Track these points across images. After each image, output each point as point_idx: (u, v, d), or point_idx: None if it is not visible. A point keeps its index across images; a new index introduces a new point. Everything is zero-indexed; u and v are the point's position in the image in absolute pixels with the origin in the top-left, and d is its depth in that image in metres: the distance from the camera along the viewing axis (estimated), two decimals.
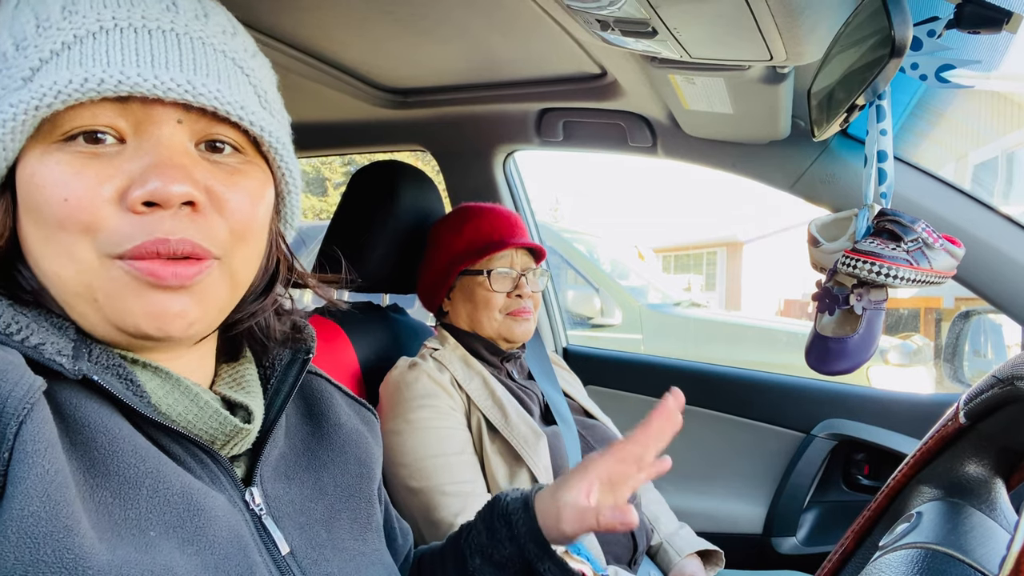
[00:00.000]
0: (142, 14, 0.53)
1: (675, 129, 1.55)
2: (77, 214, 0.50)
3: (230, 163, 0.56)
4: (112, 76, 0.49)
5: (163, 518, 0.50)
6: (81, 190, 0.50)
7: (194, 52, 0.54)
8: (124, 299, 0.52)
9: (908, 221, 1.04)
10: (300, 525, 0.62)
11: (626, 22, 0.93)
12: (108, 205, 0.50)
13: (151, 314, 0.52)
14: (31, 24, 0.51)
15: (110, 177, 0.50)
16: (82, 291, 0.52)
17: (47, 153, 0.50)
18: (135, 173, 0.51)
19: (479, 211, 1.43)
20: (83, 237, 0.50)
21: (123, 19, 0.52)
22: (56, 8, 0.52)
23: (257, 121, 0.55)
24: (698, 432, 1.84)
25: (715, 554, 1.43)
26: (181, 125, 0.53)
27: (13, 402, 0.44)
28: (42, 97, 0.48)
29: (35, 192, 0.50)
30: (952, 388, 1.79)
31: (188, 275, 0.53)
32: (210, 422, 0.57)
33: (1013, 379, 0.55)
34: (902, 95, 1.29)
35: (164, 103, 0.52)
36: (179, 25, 0.54)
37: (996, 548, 0.57)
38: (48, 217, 0.50)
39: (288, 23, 1.25)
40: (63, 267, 0.51)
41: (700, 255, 18.34)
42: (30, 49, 0.51)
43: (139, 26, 0.52)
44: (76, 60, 0.50)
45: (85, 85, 0.49)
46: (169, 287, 0.52)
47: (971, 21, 0.90)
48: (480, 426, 1.26)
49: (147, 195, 0.50)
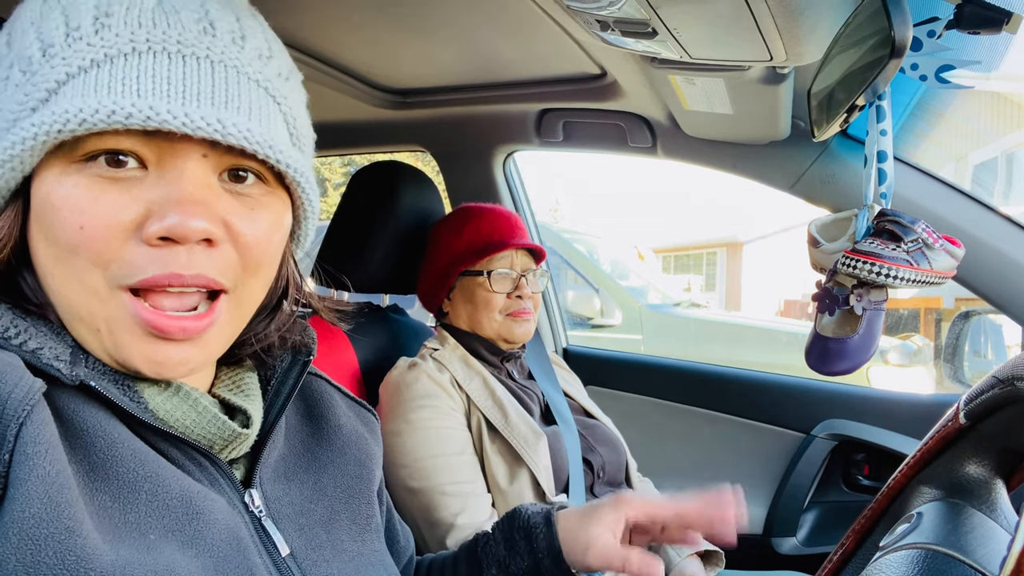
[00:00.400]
0: (177, 38, 0.50)
1: (675, 129, 1.55)
2: (92, 243, 0.48)
3: (252, 194, 0.55)
4: (141, 111, 0.47)
5: (162, 521, 0.50)
6: (98, 218, 0.48)
7: (227, 84, 0.52)
8: (125, 339, 0.51)
9: (908, 221, 1.04)
10: (300, 527, 0.62)
11: (626, 22, 0.93)
12: (124, 235, 0.49)
13: (152, 360, 0.52)
14: (60, 31, 0.49)
15: (127, 206, 0.49)
16: (86, 318, 0.51)
17: (65, 174, 0.49)
18: (154, 204, 0.49)
19: (479, 212, 1.43)
20: (95, 266, 0.49)
21: (157, 42, 0.50)
22: (88, 18, 0.49)
23: (284, 159, 0.53)
24: (698, 432, 1.84)
25: (715, 554, 1.43)
26: (206, 159, 0.51)
27: (13, 403, 0.44)
28: (66, 122, 0.46)
29: (50, 212, 0.49)
30: (952, 388, 1.79)
31: (197, 329, 0.52)
32: (208, 427, 0.57)
33: (1013, 379, 0.55)
34: (902, 95, 1.29)
35: (191, 138, 0.50)
36: (214, 52, 0.52)
37: (996, 549, 0.57)
38: (62, 240, 0.49)
39: (289, 23, 1.25)
40: (71, 291, 0.50)
41: (700, 255, 18.34)
42: (56, 59, 0.49)
43: (173, 51, 0.50)
44: (104, 84, 0.48)
45: (112, 116, 0.46)
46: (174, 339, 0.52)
47: (971, 21, 0.90)
48: (480, 426, 1.26)
49: (164, 230, 0.49)
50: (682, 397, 1.87)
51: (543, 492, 1.22)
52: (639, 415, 1.89)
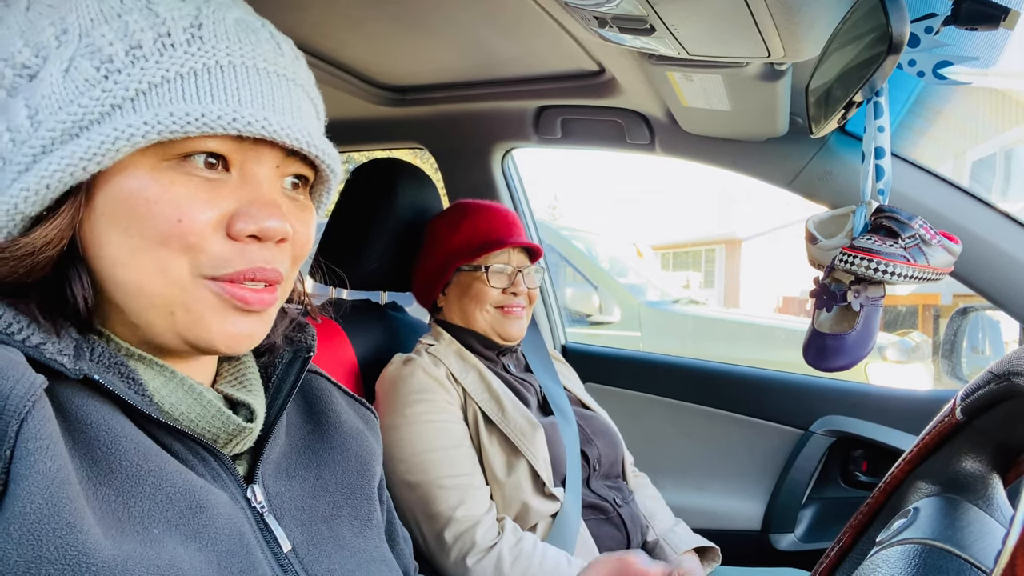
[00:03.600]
0: (263, 56, 0.55)
1: (673, 126, 1.56)
2: (187, 235, 0.51)
3: (300, 199, 0.60)
4: (257, 119, 0.52)
5: (165, 515, 0.50)
6: (195, 213, 0.52)
7: (298, 98, 0.57)
8: (205, 318, 0.54)
9: (905, 218, 1.04)
10: (301, 522, 0.62)
11: (624, 19, 0.93)
12: (214, 229, 0.52)
13: (229, 335, 0.55)
14: (147, 34, 0.52)
15: (220, 204, 0.53)
16: (161, 304, 0.53)
17: (159, 170, 0.51)
18: (241, 205, 0.54)
19: (477, 208, 1.43)
20: (182, 256, 0.52)
21: (249, 58, 0.54)
22: (179, 29, 0.52)
23: (335, 166, 0.60)
24: (696, 429, 1.84)
25: (712, 551, 1.43)
26: (277, 169, 0.57)
27: (15, 400, 0.44)
28: (185, 124, 0.50)
29: (142, 206, 0.51)
30: (950, 384, 1.79)
31: (270, 301, 0.57)
32: (213, 421, 0.57)
33: (1010, 375, 0.55)
34: (900, 92, 1.29)
35: (271, 146, 0.55)
36: (288, 70, 0.57)
37: (992, 543, 0.57)
38: (151, 231, 0.51)
39: (286, 21, 1.25)
40: (150, 279, 0.52)
41: (699, 252, 18.34)
42: (149, 62, 0.51)
43: (261, 68, 0.55)
44: (207, 91, 0.52)
45: (232, 123, 0.51)
46: (252, 311, 0.56)
47: (968, 17, 0.90)
48: (477, 419, 1.27)
49: (257, 230, 0.53)
50: (681, 394, 1.87)
51: (542, 483, 1.22)
52: (638, 412, 1.89)
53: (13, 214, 0.51)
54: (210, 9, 0.54)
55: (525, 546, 1.15)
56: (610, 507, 1.33)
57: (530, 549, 1.14)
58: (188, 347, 0.55)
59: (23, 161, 0.50)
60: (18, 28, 0.52)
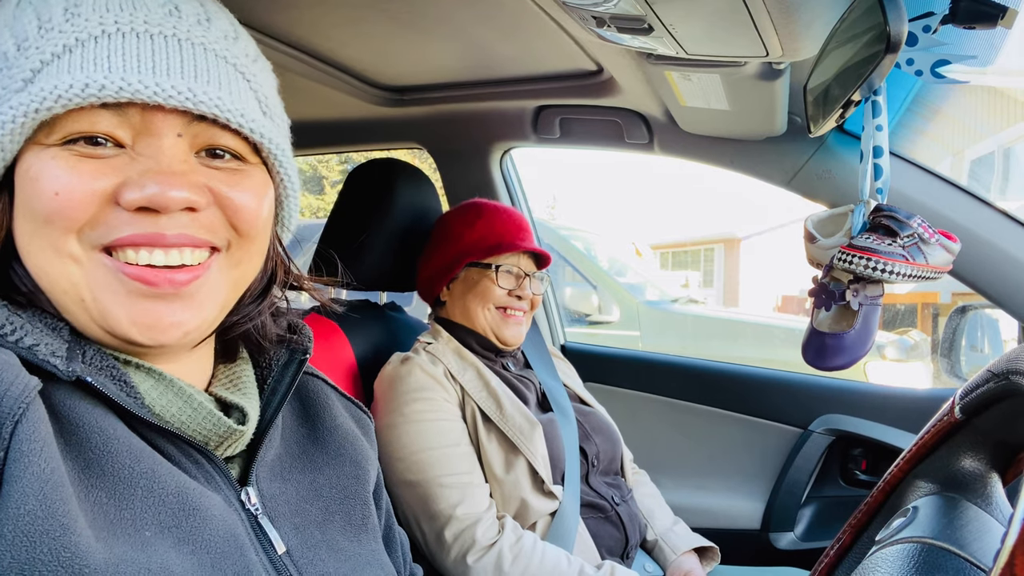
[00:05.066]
0: (144, 19, 0.52)
1: (672, 126, 1.56)
2: (67, 210, 0.49)
3: (233, 167, 0.56)
4: (113, 82, 0.49)
5: (158, 518, 0.50)
6: (73, 184, 0.49)
7: (195, 58, 0.53)
8: (109, 301, 0.51)
9: (904, 217, 1.04)
10: (296, 525, 0.62)
11: (622, 19, 0.92)
12: (99, 201, 0.50)
13: (142, 324, 0.52)
14: (33, 25, 0.51)
15: (105, 175, 0.50)
16: (69, 289, 0.51)
17: (44, 151, 0.50)
18: (132, 175, 0.50)
19: (493, 209, 1.44)
20: (69, 233, 0.50)
21: (125, 23, 0.51)
22: (58, 10, 0.51)
23: (257, 128, 0.55)
24: (696, 428, 1.84)
25: (711, 550, 1.43)
26: (181, 139, 0.53)
27: (8, 401, 0.44)
28: (42, 101, 0.48)
29: (28, 186, 0.50)
30: (949, 383, 1.79)
31: (183, 281, 0.52)
32: (204, 423, 0.57)
33: (1008, 373, 0.55)
34: (898, 91, 1.29)
35: (164, 111, 0.51)
36: (181, 31, 0.53)
37: (991, 542, 0.57)
38: (38, 210, 0.50)
39: (284, 21, 1.25)
40: (48, 262, 0.51)
41: (698, 251, 18.35)
42: (31, 50, 0.50)
43: (141, 31, 0.52)
44: (77, 64, 0.49)
45: (86, 90, 0.48)
46: (162, 295, 0.52)
47: (966, 16, 0.90)
48: (475, 417, 1.27)
49: (144, 200, 0.50)
50: (680, 393, 1.87)
51: (541, 481, 1.22)
52: (637, 411, 1.89)
53: None
54: None
55: (525, 544, 1.15)
56: (608, 506, 1.33)
57: (530, 547, 1.14)
58: (113, 339, 0.53)
59: None
60: None
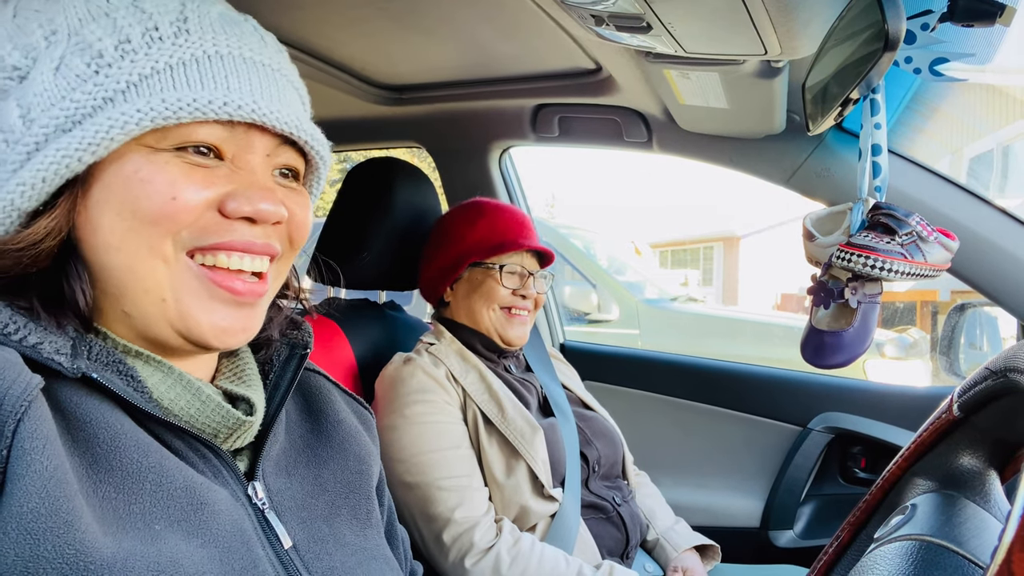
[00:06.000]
0: (249, 47, 0.57)
1: (670, 124, 1.56)
2: (180, 214, 0.52)
3: (293, 186, 0.61)
4: (247, 103, 0.53)
5: (167, 512, 0.50)
6: (189, 192, 0.53)
7: (278, 84, 0.58)
8: (193, 307, 0.54)
9: (902, 215, 1.04)
10: (302, 520, 0.62)
11: (621, 17, 0.93)
12: (206, 209, 0.54)
13: (220, 328, 0.55)
14: (136, 29, 0.53)
15: (214, 184, 0.54)
16: (152, 287, 0.53)
17: (155, 154, 0.52)
18: (239, 187, 0.55)
19: (495, 208, 1.44)
20: (170, 234, 0.53)
21: (235, 48, 0.56)
22: (166, 23, 0.54)
23: (325, 154, 0.62)
24: (695, 426, 1.84)
25: (712, 548, 1.44)
26: (268, 158, 0.58)
27: (11, 400, 0.44)
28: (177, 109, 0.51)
29: (137, 186, 0.52)
30: (948, 381, 1.79)
31: (260, 292, 0.57)
32: (212, 416, 0.57)
33: (1007, 371, 0.55)
34: (897, 89, 1.29)
35: (261, 133, 0.56)
36: (273, 60, 0.59)
37: (990, 539, 0.57)
38: (147, 210, 0.52)
39: (283, 20, 1.25)
40: (140, 260, 0.53)
41: (697, 250, 18.35)
42: (138, 55, 0.52)
43: (247, 57, 0.56)
44: (197, 80, 0.53)
45: (224, 107, 0.52)
46: (242, 303, 0.56)
47: (964, 14, 0.90)
48: (476, 420, 1.27)
49: (252, 212, 0.55)
50: (679, 392, 1.87)
51: (541, 485, 1.22)
52: (636, 410, 1.89)
53: (10, 210, 0.52)
54: (194, 4, 0.56)
55: (523, 546, 1.15)
56: (610, 506, 1.33)
57: (528, 549, 1.14)
58: (182, 340, 0.55)
59: (17, 159, 0.51)
60: (6, 33, 0.53)
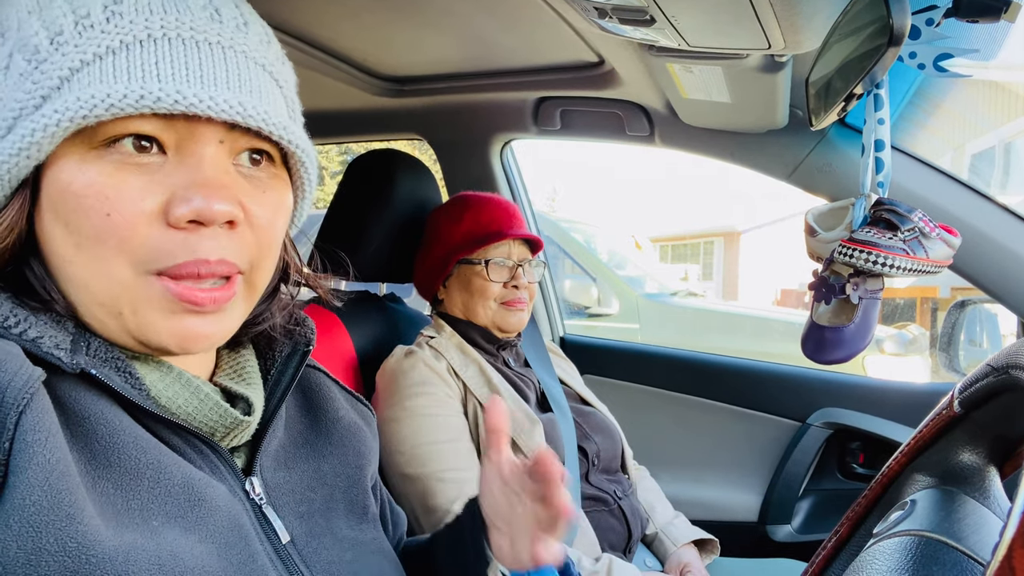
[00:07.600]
0: (190, 24, 0.51)
1: (673, 118, 1.55)
2: (119, 230, 0.49)
3: (262, 177, 0.56)
4: (168, 94, 0.47)
5: (164, 508, 0.50)
6: (124, 204, 0.48)
7: (239, 67, 0.53)
8: (153, 317, 0.52)
9: (905, 210, 1.04)
10: (300, 514, 0.62)
11: (624, 10, 0.92)
12: (149, 220, 0.49)
13: (179, 335, 0.53)
14: (68, 19, 0.49)
15: (153, 192, 0.50)
16: (108, 303, 0.51)
17: (86, 161, 0.49)
18: (178, 189, 0.50)
19: (479, 201, 1.43)
20: (120, 253, 0.49)
21: (171, 28, 0.50)
22: (97, 6, 0.50)
23: (295, 140, 0.55)
24: (694, 421, 1.85)
25: (710, 542, 1.44)
26: (222, 145, 0.52)
27: (12, 392, 0.44)
28: (92, 107, 0.46)
29: (72, 201, 0.49)
30: (948, 378, 1.79)
31: (224, 299, 0.53)
32: (210, 414, 0.57)
33: (1008, 368, 0.55)
34: (900, 84, 1.28)
35: (209, 121, 0.51)
36: (224, 37, 0.53)
37: (990, 535, 0.57)
38: (86, 228, 0.49)
39: (284, 10, 1.24)
40: (94, 278, 0.50)
41: (697, 245, 18.35)
42: (68, 47, 0.49)
43: (187, 37, 0.51)
44: (123, 70, 0.48)
45: (141, 101, 0.47)
46: (203, 312, 0.53)
47: (969, 10, 0.90)
48: (476, 413, 1.27)
49: (193, 214, 0.49)
50: (679, 386, 1.87)
51: None
52: (636, 404, 1.90)
53: None
54: None
55: None
56: (611, 499, 1.34)
57: None
58: (142, 347, 0.53)
59: None
60: None
